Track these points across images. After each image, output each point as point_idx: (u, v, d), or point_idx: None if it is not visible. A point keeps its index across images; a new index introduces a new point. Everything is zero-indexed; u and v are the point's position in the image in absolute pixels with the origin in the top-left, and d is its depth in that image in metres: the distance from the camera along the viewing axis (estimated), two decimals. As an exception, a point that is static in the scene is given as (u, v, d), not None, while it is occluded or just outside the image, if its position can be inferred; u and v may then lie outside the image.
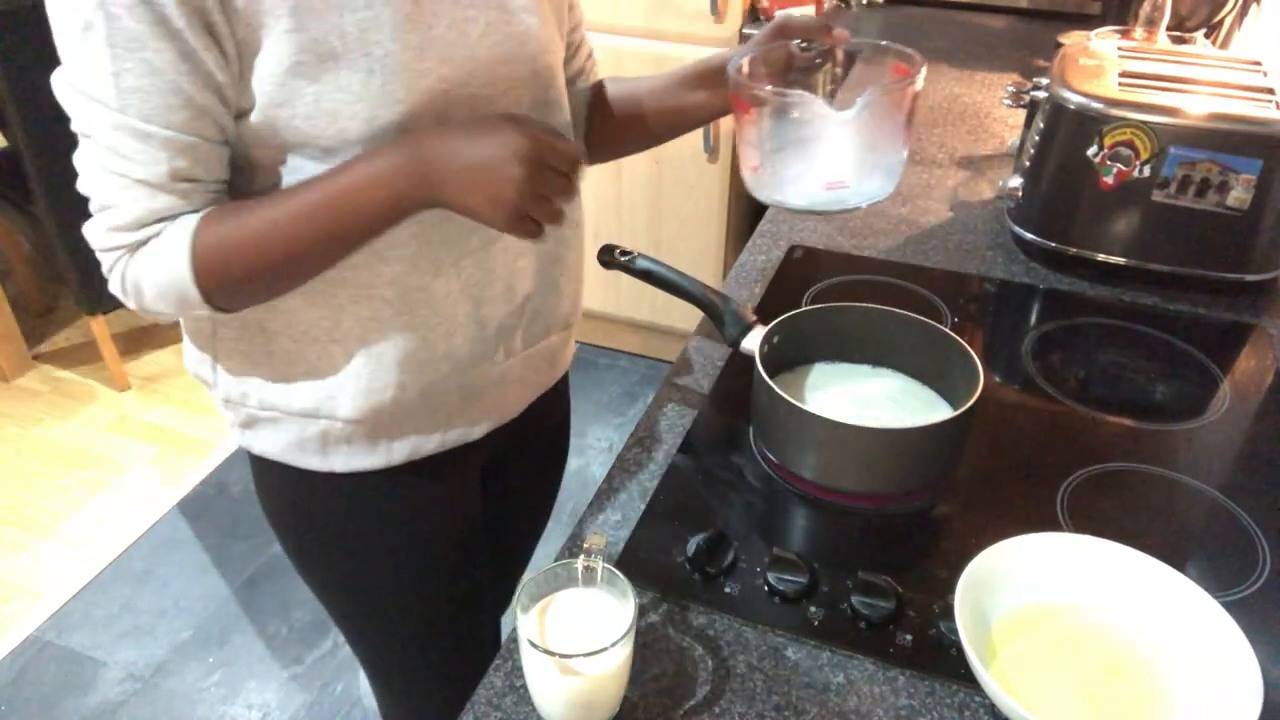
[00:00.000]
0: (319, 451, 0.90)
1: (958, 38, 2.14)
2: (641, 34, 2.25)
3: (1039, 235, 1.26)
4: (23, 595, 2.08)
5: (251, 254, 0.74)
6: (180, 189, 0.72)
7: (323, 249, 0.76)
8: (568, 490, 2.31)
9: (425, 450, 0.93)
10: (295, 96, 0.72)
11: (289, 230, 0.73)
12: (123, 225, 0.73)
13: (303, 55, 0.71)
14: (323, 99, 0.72)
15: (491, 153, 0.71)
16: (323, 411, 0.87)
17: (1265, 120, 1.12)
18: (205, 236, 0.73)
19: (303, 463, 0.91)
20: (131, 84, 0.67)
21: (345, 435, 0.89)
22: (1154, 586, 0.73)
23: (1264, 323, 1.17)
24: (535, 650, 0.63)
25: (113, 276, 0.76)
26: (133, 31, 0.66)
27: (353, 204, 0.73)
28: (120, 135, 0.69)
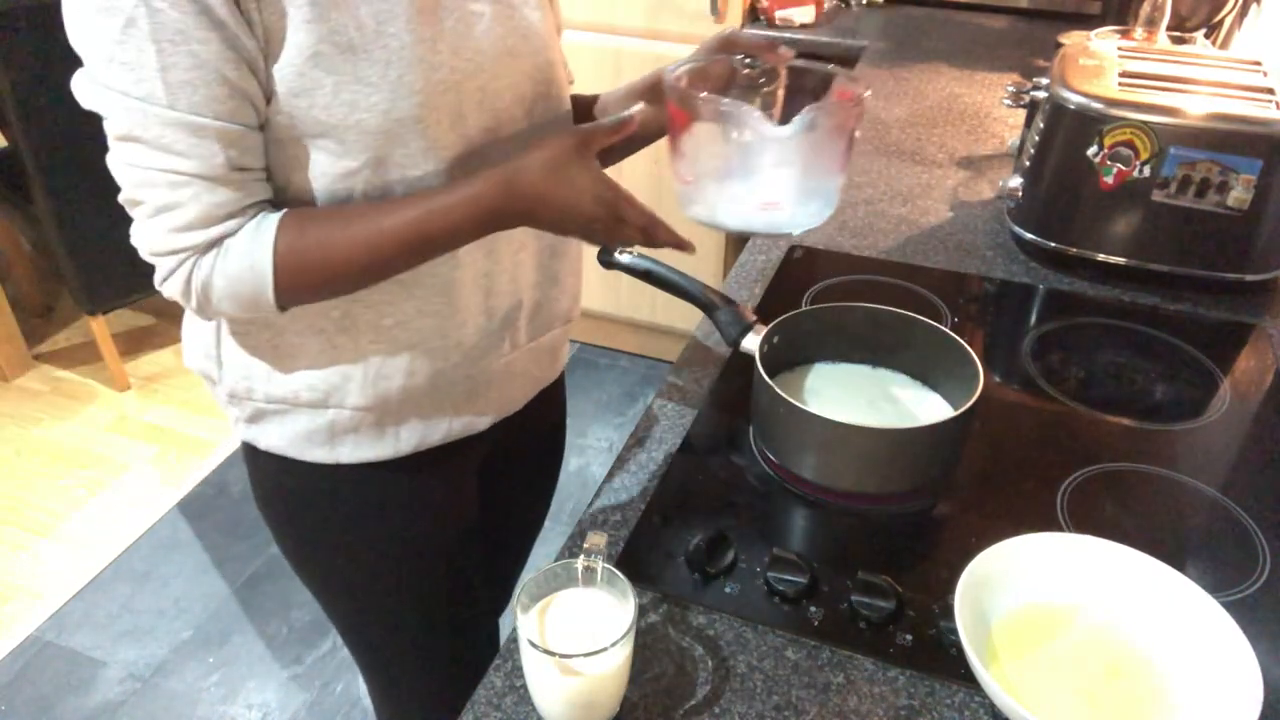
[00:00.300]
0: (326, 442, 0.90)
1: (958, 38, 2.14)
2: (641, 34, 2.25)
3: (1039, 235, 1.26)
4: (23, 595, 2.08)
5: (334, 265, 0.75)
6: (236, 179, 0.73)
7: (403, 266, 0.78)
8: (567, 490, 2.32)
9: (432, 440, 0.93)
10: (315, 87, 0.72)
11: (375, 247, 0.75)
12: (187, 225, 0.72)
13: (322, 45, 0.71)
14: (341, 90, 0.73)
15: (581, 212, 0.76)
16: (331, 400, 0.87)
17: (1265, 120, 1.12)
18: (289, 241, 0.74)
19: (309, 455, 0.91)
20: (181, 78, 0.67)
21: (353, 424, 0.89)
22: (1154, 586, 0.73)
23: (1264, 323, 1.17)
24: (535, 650, 0.63)
25: (174, 279, 0.75)
26: (177, 23, 0.66)
27: (446, 229, 0.75)
28: (173, 131, 0.69)
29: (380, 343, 0.85)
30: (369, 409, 0.88)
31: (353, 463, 0.91)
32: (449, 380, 0.90)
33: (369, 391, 0.87)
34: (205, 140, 0.70)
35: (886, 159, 1.56)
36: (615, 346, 2.83)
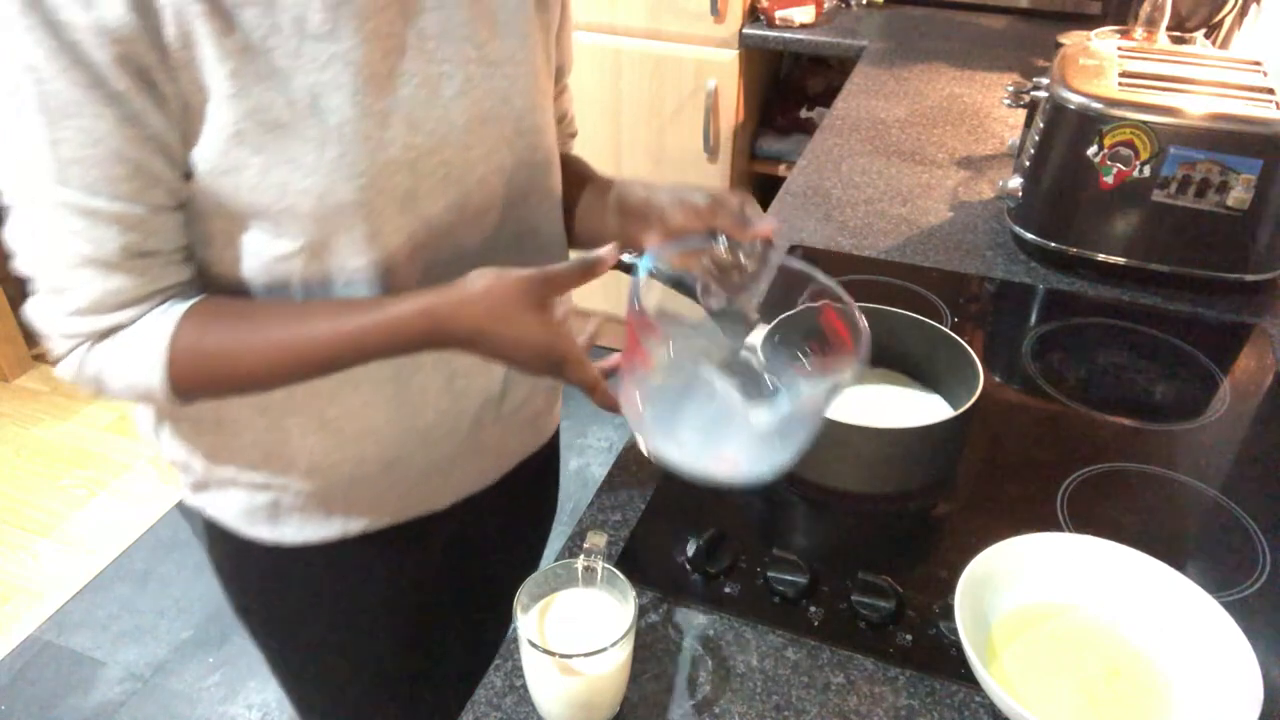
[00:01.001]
0: (269, 521, 0.84)
1: (958, 38, 2.14)
2: (641, 34, 2.25)
3: (1039, 235, 1.26)
4: (23, 595, 2.08)
5: (233, 374, 0.69)
6: (136, 266, 0.65)
7: (313, 376, 0.71)
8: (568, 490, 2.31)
9: (383, 524, 0.87)
10: (240, 167, 0.64)
11: (277, 361, 0.68)
12: (79, 310, 0.65)
13: (245, 123, 0.63)
14: (270, 171, 0.65)
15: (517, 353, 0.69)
16: (274, 482, 0.81)
17: (1265, 120, 1.12)
18: (185, 339, 0.67)
19: (252, 532, 0.85)
20: (71, 154, 0.60)
21: (297, 505, 0.83)
22: (1154, 586, 0.73)
23: (1264, 323, 1.17)
24: (535, 650, 0.63)
25: (66, 362, 0.69)
26: (67, 96, 0.58)
27: (359, 353, 0.68)
28: (64, 211, 0.61)
29: (325, 431, 0.78)
30: (313, 493, 0.82)
31: (297, 544, 0.85)
32: (404, 465, 0.83)
33: (314, 477, 0.80)
34: (99, 224, 0.62)
35: (886, 159, 1.56)
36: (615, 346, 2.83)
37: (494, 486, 0.93)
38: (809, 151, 1.59)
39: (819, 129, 1.68)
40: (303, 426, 0.78)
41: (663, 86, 2.29)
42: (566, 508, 2.24)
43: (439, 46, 0.71)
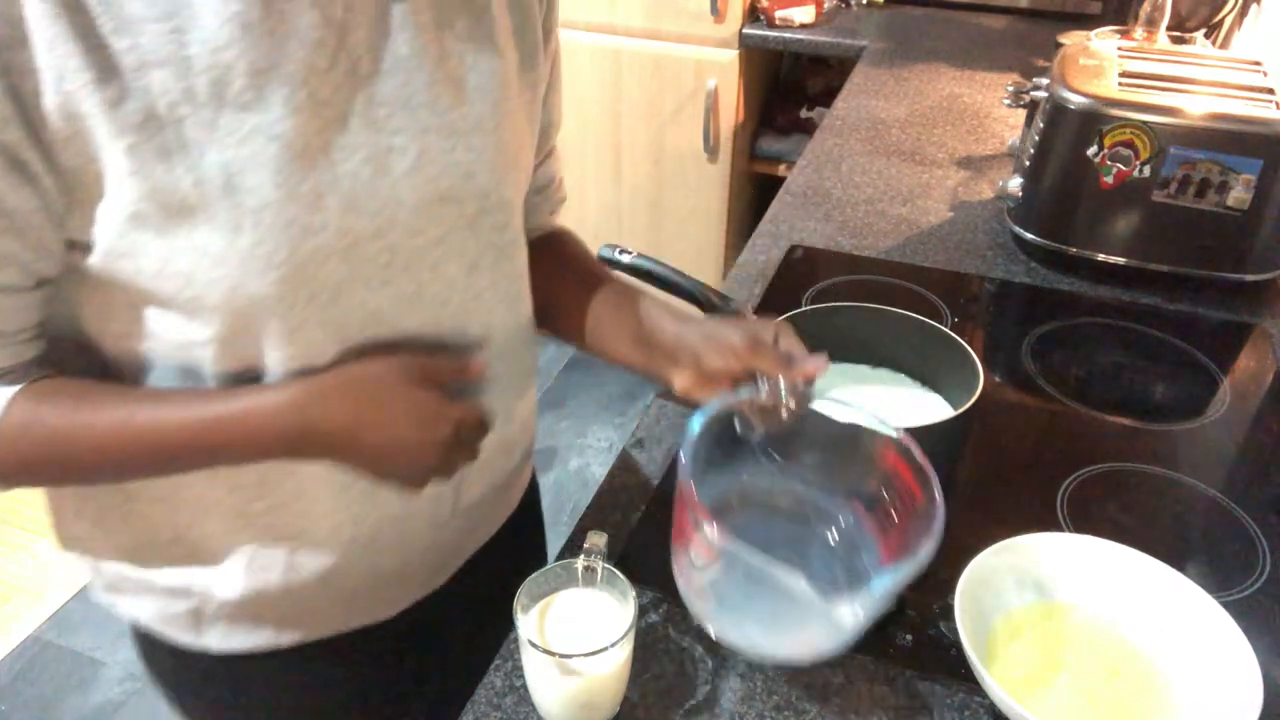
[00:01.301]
0: (191, 628, 0.75)
1: (958, 38, 2.14)
2: (641, 34, 2.25)
3: (1039, 235, 1.26)
4: (23, 595, 2.08)
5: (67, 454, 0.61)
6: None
7: (159, 470, 0.64)
8: (567, 490, 2.32)
9: (321, 634, 0.78)
10: (138, 251, 0.56)
11: (119, 440, 0.60)
12: None
13: (144, 204, 0.55)
14: (173, 259, 0.56)
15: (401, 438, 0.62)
16: (194, 589, 0.72)
17: (1265, 120, 1.12)
18: (16, 418, 0.59)
19: (172, 637, 0.77)
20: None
21: (222, 614, 0.74)
22: (1154, 586, 0.73)
23: (1264, 323, 1.17)
24: (535, 650, 0.63)
25: None
26: None
27: (208, 443, 0.61)
28: None
29: (252, 530, 0.69)
30: (240, 603, 0.73)
31: (223, 653, 0.76)
32: (343, 572, 0.74)
33: (239, 585, 0.71)
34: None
35: (886, 159, 1.56)
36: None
37: (457, 575, 0.85)
38: (809, 151, 1.59)
39: (819, 129, 1.68)
40: (228, 526, 0.69)
41: (663, 86, 2.29)
42: (566, 507, 2.24)
43: (391, 116, 0.62)
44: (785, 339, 0.71)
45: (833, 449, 0.70)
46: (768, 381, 0.69)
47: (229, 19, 0.54)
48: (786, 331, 0.71)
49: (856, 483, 0.67)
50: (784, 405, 0.68)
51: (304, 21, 0.57)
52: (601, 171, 2.45)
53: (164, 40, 0.53)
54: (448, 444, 0.64)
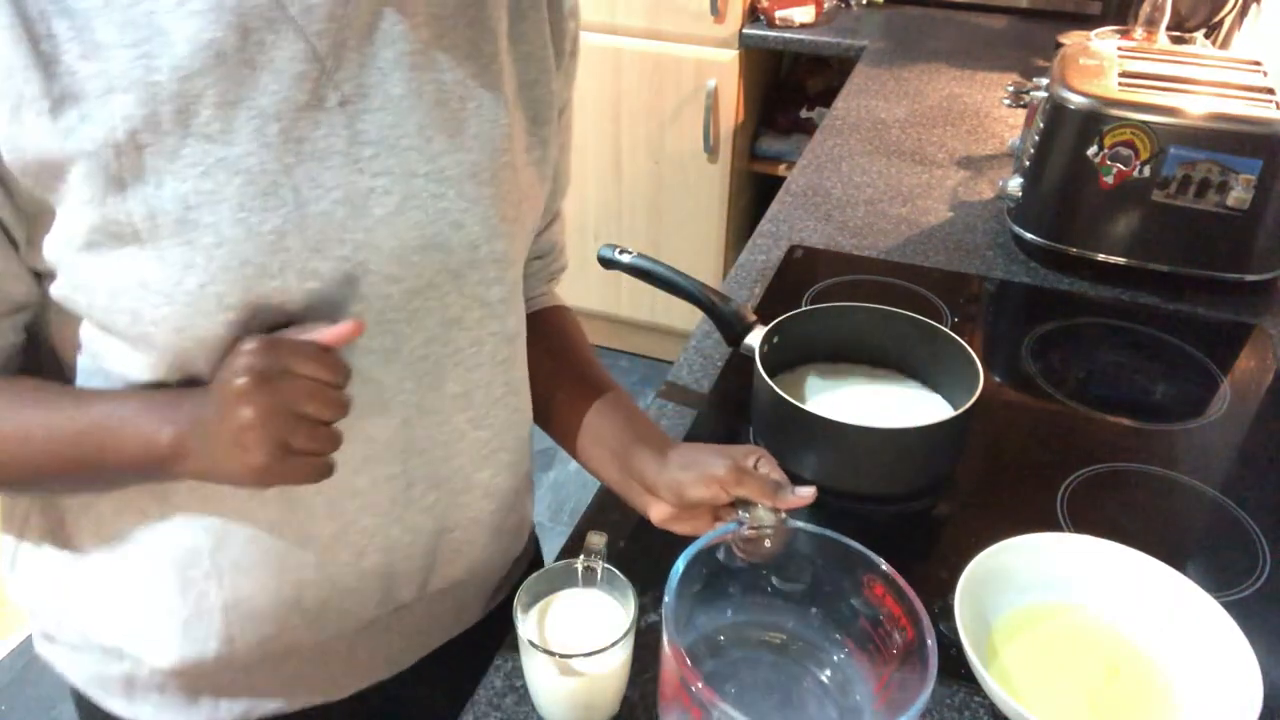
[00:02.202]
0: (123, 694, 0.71)
1: (958, 38, 2.14)
2: (641, 34, 2.25)
3: (1039, 235, 1.26)
4: (23, 595, 2.07)
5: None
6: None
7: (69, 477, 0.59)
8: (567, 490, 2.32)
9: (262, 713, 0.72)
10: (90, 282, 0.54)
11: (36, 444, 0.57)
12: None
13: (94, 235, 0.52)
14: (121, 294, 0.54)
15: (216, 396, 0.54)
16: (127, 651, 0.68)
17: (1265, 120, 1.12)
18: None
19: (106, 703, 0.72)
20: None
21: (154, 682, 0.69)
22: (1154, 586, 0.73)
23: (1264, 323, 1.17)
24: (535, 650, 0.63)
25: None
26: None
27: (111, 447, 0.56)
28: None
29: (188, 592, 0.64)
30: (173, 673, 0.68)
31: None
32: (287, 648, 0.68)
33: (173, 652, 0.66)
34: None
35: (886, 159, 1.56)
36: (615, 346, 2.83)
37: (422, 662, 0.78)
38: (809, 151, 1.59)
39: (819, 129, 1.68)
40: (164, 582, 0.64)
41: (663, 86, 2.29)
42: (566, 507, 2.24)
43: (377, 156, 0.58)
44: (766, 465, 0.67)
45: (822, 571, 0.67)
46: (751, 511, 0.66)
47: (203, 46, 0.52)
48: (767, 457, 0.68)
49: (848, 614, 0.66)
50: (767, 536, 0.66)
51: (284, 54, 0.54)
52: (601, 171, 2.45)
53: (131, 65, 0.51)
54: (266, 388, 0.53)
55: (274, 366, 0.52)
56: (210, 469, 0.55)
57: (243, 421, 0.52)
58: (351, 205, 0.57)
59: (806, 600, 0.69)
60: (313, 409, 0.53)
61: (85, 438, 0.56)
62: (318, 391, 0.53)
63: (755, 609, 0.69)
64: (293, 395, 0.53)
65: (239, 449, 0.53)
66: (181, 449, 0.55)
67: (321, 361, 0.54)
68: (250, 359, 0.52)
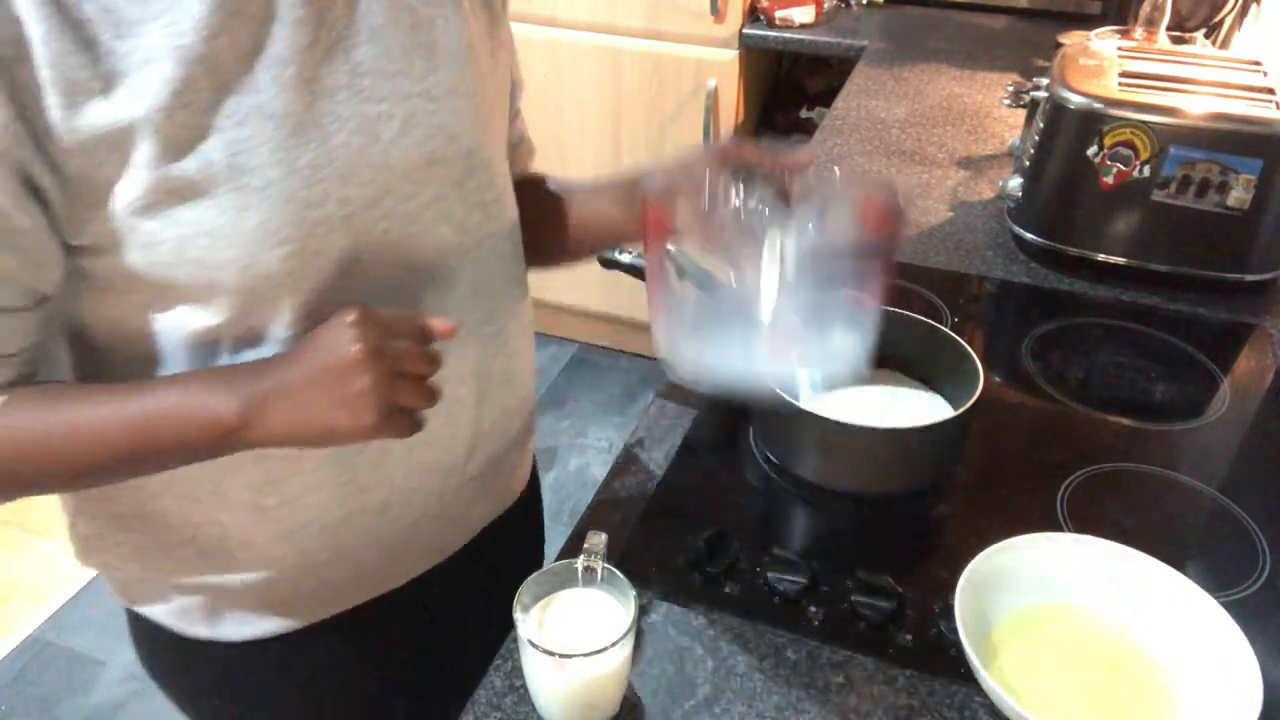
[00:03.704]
0: (206, 620, 0.77)
1: (958, 38, 2.14)
2: (641, 34, 2.25)
3: (1039, 235, 1.26)
4: (23, 595, 2.08)
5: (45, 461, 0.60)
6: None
7: (128, 469, 0.63)
8: (567, 490, 2.32)
9: (335, 610, 0.81)
10: (152, 242, 0.58)
11: (89, 442, 0.60)
12: None
13: (155, 194, 0.56)
14: (186, 246, 0.58)
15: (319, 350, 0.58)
16: (210, 582, 0.74)
17: (1265, 120, 1.12)
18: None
19: (189, 631, 0.78)
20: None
21: (238, 602, 0.76)
22: (1154, 586, 0.73)
23: (1264, 323, 1.17)
24: (535, 650, 0.63)
25: None
26: None
27: (172, 429, 0.59)
28: None
29: (266, 522, 0.71)
30: (253, 587, 0.75)
31: (240, 640, 0.79)
32: (356, 550, 0.76)
33: (254, 571, 0.74)
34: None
35: (886, 159, 1.56)
36: (615, 346, 2.83)
37: (461, 552, 0.87)
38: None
39: (819, 129, 1.68)
40: (240, 520, 0.71)
41: (663, 86, 2.29)
42: (566, 507, 2.24)
43: (375, 84, 0.63)
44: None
45: None
46: (749, 183, 0.69)
47: (217, 6, 0.56)
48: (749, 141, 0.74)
49: None
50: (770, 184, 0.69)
51: (286, 2, 0.59)
52: (601, 171, 2.44)
53: (161, 35, 0.55)
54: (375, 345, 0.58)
55: (380, 337, 0.58)
56: (292, 433, 0.59)
57: (360, 387, 0.57)
58: (365, 133, 0.63)
59: None
60: (415, 370, 0.60)
61: (135, 427, 0.59)
62: (417, 354, 0.60)
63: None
64: (398, 360, 0.59)
65: (351, 412, 0.57)
66: (251, 419, 0.59)
67: (415, 326, 0.60)
68: (358, 330, 0.57)
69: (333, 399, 0.58)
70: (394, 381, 0.58)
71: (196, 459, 0.63)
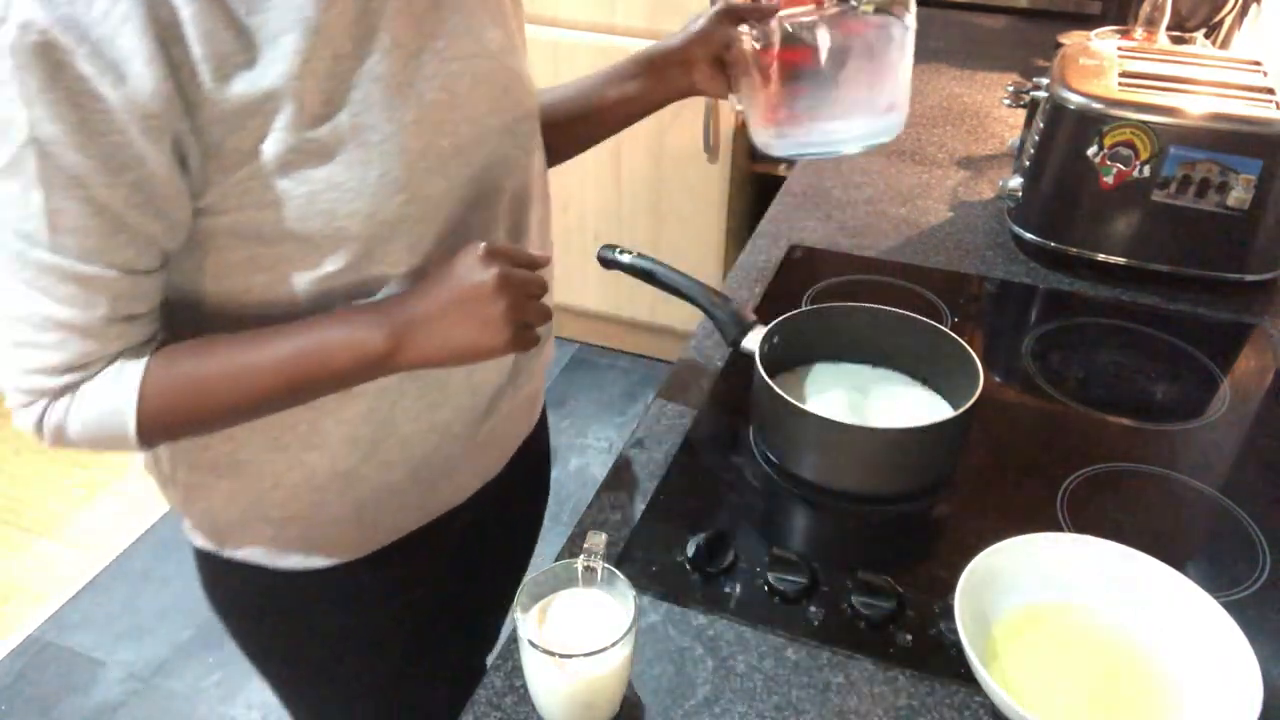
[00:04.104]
0: (299, 551, 0.84)
1: (958, 38, 2.14)
2: (641, 34, 2.25)
3: (1039, 235, 1.26)
4: (23, 595, 2.08)
5: (204, 407, 0.68)
6: (115, 331, 0.64)
7: (283, 403, 0.70)
8: (567, 490, 2.32)
9: (406, 528, 0.88)
10: (284, 198, 0.64)
11: (248, 386, 0.67)
12: (44, 370, 0.63)
13: (290, 155, 0.63)
14: (316, 200, 0.64)
15: (457, 281, 0.67)
16: (301, 518, 0.81)
17: (1265, 120, 1.12)
18: (154, 385, 0.65)
19: (275, 564, 0.84)
20: (70, 224, 0.58)
21: (327, 536, 0.84)
22: (1154, 586, 0.73)
23: (1264, 323, 1.17)
24: (535, 650, 0.63)
25: (24, 415, 0.66)
26: (79, 170, 0.57)
27: (322, 365, 0.67)
28: (50, 278, 0.60)
29: (358, 451, 0.78)
30: (342, 519, 0.82)
31: (326, 567, 0.85)
32: (425, 470, 0.84)
33: (345, 502, 0.81)
34: (88, 290, 0.61)
35: (886, 159, 1.56)
36: (615, 346, 2.83)
37: (495, 479, 0.94)
38: (809, 151, 1.59)
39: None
40: (330, 455, 0.77)
41: (663, 86, 2.28)
42: (566, 507, 2.24)
43: (449, 44, 0.71)
44: None
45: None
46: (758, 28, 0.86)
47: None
48: None
49: None
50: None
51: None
52: (601, 171, 2.45)
53: (285, 9, 0.61)
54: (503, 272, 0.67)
55: (507, 266, 0.67)
56: (437, 354, 0.68)
57: (498, 310, 0.66)
58: (447, 90, 0.70)
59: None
60: (534, 290, 0.69)
61: (297, 362, 0.67)
62: (536, 280, 0.70)
63: None
64: (525, 285, 0.68)
65: (489, 332, 0.67)
66: (397, 346, 0.67)
67: (527, 257, 0.70)
68: (489, 261, 0.67)
69: (473, 322, 0.67)
70: (523, 303, 0.68)
71: (345, 386, 0.71)
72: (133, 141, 0.57)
